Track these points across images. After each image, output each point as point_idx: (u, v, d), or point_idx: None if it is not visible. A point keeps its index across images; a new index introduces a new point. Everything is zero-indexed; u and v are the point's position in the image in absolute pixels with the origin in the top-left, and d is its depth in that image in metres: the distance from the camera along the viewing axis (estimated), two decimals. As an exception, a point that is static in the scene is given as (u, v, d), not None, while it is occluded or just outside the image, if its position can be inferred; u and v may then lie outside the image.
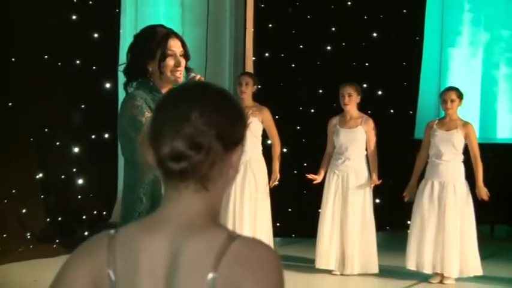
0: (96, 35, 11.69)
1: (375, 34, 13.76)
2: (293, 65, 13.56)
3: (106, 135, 11.36)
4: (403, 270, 10.24)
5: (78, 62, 11.60)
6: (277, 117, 10.90)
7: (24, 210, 11.13)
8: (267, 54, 13.63)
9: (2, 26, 10.53)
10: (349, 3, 13.68)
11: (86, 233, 11.66)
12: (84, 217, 11.86)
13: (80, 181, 11.82)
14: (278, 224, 12.17)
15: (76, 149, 11.73)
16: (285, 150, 11.01)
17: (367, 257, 10.31)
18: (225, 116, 2.21)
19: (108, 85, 11.23)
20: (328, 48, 13.63)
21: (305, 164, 12.62)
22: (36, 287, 9.50)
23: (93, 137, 11.74)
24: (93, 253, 2.23)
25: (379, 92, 13.59)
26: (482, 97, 15.51)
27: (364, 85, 12.26)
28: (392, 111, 13.64)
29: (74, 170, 11.75)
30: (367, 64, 13.59)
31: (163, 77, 5.00)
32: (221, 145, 2.18)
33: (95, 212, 12.01)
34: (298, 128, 13.23)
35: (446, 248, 9.79)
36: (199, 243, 2.14)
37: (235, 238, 2.13)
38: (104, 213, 12.07)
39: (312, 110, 13.33)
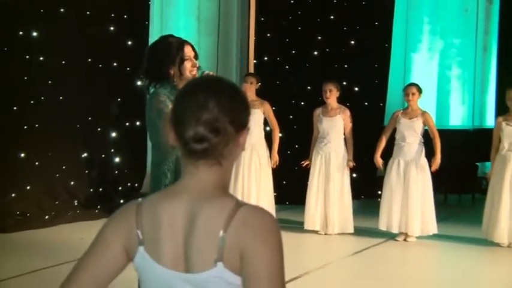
0: (129, 43, 11.69)
1: (352, 42, 13.75)
2: (287, 67, 13.55)
3: (137, 123, 11.36)
4: (374, 230, 10.31)
5: (115, 64, 11.60)
6: (274, 108, 10.89)
7: (72, 183, 11.15)
8: (266, 58, 13.62)
9: (55, 35, 10.53)
10: (331, 17, 13.66)
11: (121, 201, 11.66)
12: (120, 188, 11.88)
13: (117, 159, 11.84)
14: (275, 194, 12.20)
15: (113, 134, 11.74)
16: (280, 135, 11.00)
17: (345, 219, 10.43)
18: (235, 105, 2.18)
19: (139, 83, 11.21)
20: (315, 53, 13.61)
21: (296, 146, 12.66)
22: (82, 244, 9.51)
23: (127, 124, 11.75)
24: (125, 218, 2.21)
25: (356, 88, 13.58)
26: (438, 93, 15.56)
27: (344, 83, 12.27)
28: (366, 103, 13.64)
29: (112, 150, 11.77)
30: (346, 66, 13.58)
31: (183, 76, 5.03)
32: (233, 129, 2.16)
33: (128, 184, 12.03)
34: (291, 117, 13.22)
35: (410, 212, 9.93)
36: (213, 208, 2.12)
37: (242, 205, 2.11)
38: (136, 185, 12.08)
39: (302, 103, 13.31)
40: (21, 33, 10.32)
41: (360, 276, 8.56)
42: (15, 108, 10.22)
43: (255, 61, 13.78)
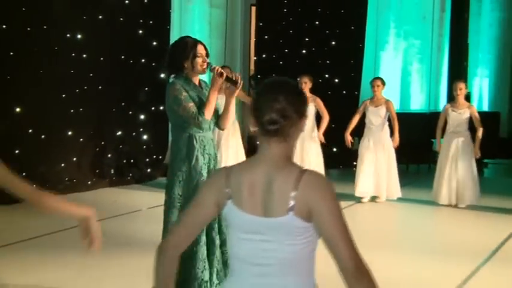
0: (154, 43, 11.64)
1: (333, 42, 13.68)
2: (281, 63, 13.48)
3: (161, 108, 11.28)
4: (351, 195, 10.24)
5: (143, 60, 11.55)
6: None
7: (109, 155, 11.15)
8: (264, 56, 13.57)
9: (95, 36, 10.50)
10: (317, 23, 13.60)
11: (148, 170, 11.70)
12: (147, 159, 11.87)
13: (144, 137, 11.82)
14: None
15: (142, 116, 11.71)
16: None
17: None
18: (299, 99, 2.44)
19: (162, 75, 11.20)
20: (304, 51, 13.56)
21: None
22: (115, 204, 9.55)
23: (152, 108, 11.71)
24: (216, 181, 2.49)
25: (336, 80, 13.53)
26: (401, 83, 15.53)
27: (326, 75, 12.25)
28: (344, 92, 13.60)
29: (141, 129, 11.75)
30: (328, 62, 13.53)
31: (195, 69, 5.00)
32: (296, 116, 2.40)
33: (154, 157, 12.01)
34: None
35: (380, 180, 9.99)
36: (284, 174, 2.38)
37: (304, 171, 2.37)
38: (160, 157, 12.07)
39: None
40: (68, 35, 10.27)
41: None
42: (63, 95, 10.20)
43: (255, 58, 13.78)
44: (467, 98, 17.42)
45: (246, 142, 10.64)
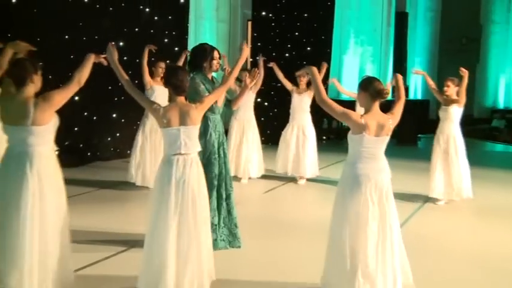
0: (176, 49, 11.53)
1: (308, 48, 13.60)
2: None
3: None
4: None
5: (168, 61, 11.45)
6: (262, 88, 10.73)
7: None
8: (257, 58, 13.44)
9: (132, 43, 10.41)
10: (296, 33, 13.51)
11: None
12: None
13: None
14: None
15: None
16: (266, 104, 10.87)
17: (259, 165, 8.65)
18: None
19: (182, 73, 11.11)
20: (286, 55, 13.48)
21: (275, 110, 12.56)
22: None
23: (175, 97, 11.67)
24: (357, 114, 3.76)
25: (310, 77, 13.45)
26: (358, 80, 15.45)
27: (303, 73, 12.14)
28: (316, 85, 13.52)
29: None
30: (304, 63, 13.41)
31: (211, 68, 5.00)
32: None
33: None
34: (272, 93, 13.13)
35: (302, 157, 8.39)
36: (384, 116, 3.79)
37: (386, 113, 3.87)
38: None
39: (278, 85, 13.18)
40: (113, 43, 10.10)
41: (275, 204, 8.51)
42: (109, 87, 10.12)
43: (251, 60, 13.69)
44: (406, 90, 17.49)
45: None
